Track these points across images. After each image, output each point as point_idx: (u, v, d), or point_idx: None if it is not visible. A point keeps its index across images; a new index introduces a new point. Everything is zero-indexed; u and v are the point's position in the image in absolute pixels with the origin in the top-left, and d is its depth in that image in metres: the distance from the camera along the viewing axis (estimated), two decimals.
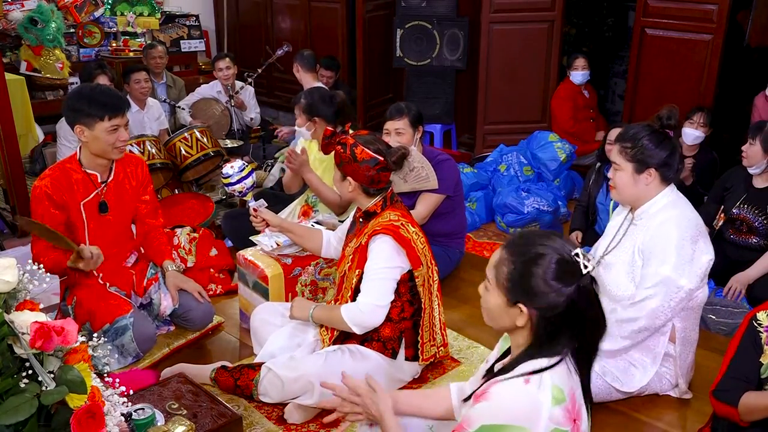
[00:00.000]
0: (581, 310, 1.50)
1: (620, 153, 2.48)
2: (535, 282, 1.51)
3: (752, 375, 1.97)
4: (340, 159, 2.51)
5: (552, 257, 1.50)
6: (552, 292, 1.49)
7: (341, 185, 2.58)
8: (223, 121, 5.53)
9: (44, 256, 2.70)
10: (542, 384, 1.48)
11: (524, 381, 1.49)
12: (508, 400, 1.49)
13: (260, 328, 2.80)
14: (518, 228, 4.43)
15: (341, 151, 2.50)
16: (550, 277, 1.49)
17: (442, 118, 5.73)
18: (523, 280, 1.52)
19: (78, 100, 2.72)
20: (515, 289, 1.54)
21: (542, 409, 1.46)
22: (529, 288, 1.51)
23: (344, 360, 2.51)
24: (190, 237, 3.61)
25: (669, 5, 4.62)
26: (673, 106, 2.58)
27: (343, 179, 2.55)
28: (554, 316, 1.50)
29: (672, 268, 2.37)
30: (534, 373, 1.49)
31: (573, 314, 1.50)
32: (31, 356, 1.46)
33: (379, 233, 2.48)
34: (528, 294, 1.52)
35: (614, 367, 2.51)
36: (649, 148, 2.42)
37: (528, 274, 1.52)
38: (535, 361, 1.51)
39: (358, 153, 2.47)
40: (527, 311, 1.53)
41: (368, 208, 2.57)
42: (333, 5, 6.50)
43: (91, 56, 6.59)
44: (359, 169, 2.47)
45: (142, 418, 1.97)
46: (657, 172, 2.45)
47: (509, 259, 1.56)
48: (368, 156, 2.47)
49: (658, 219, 2.45)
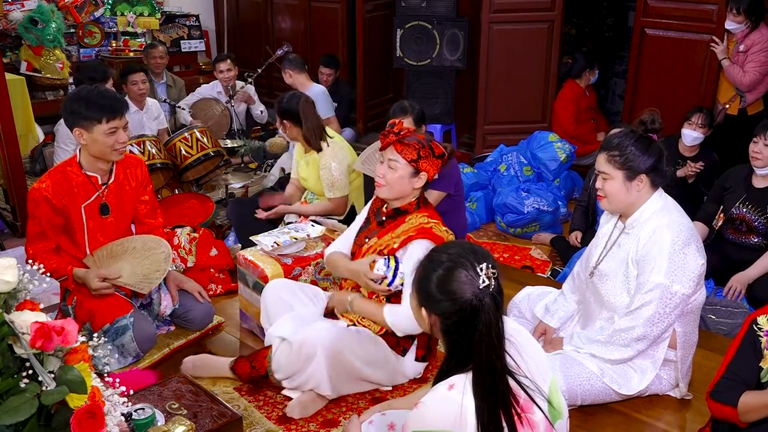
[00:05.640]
0: (476, 324, 1.53)
1: (609, 161, 2.43)
2: (430, 287, 1.59)
3: (750, 379, 1.96)
4: (418, 154, 2.50)
5: (449, 265, 1.57)
6: (445, 299, 1.56)
7: (408, 181, 2.53)
8: (223, 121, 5.53)
9: (43, 259, 2.67)
10: (465, 388, 1.53)
11: (448, 387, 1.55)
12: (433, 407, 1.55)
13: (272, 306, 2.76)
14: (518, 228, 4.44)
15: (419, 146, 2.50)
16: (442, 283, 1.56)
17: (442, 118, 5.73)
18: (422, 283, 1.61)
19: (76, 102, 2.71)
20: (420, 293, 1.63)
21: (467, 413, 1.51)
22: (426, 292, 1.60)
23: (350, 335, 2.52)
24: (190, 237, 3.60)
25: (669, 5, 4.63)
26: (655, 109, 2.57)
27: (415, 175, 2.52)
28: (451, 325, 1.57)
29: (665, 275, 2.36)
30: (457, 379, 1.55)
31: (468, 326, 1.54)
32: (32, 356, 1.46)
33: (414, 239, 2.48)
34: (426, 299, 1.61)
35: (613, 369, 2.50)
36: (638, 154, 2.39)
37: (426, 278, 1.60)
38: (455, 368, 1.58)
39: (435, 147, 2.53)
40: (427, 317, 1.62)
41: (401, 206, 2.58)
42: (333, 5, 6.50)
43: (91, 56, 6.60)
44: (435, 163, 2.53)
45: (142, 418, 1.97)
46: (647, 178, 2.42)
47: (423, 263, 1.65)
48: (441, 150, 2.54)
49: (649, 227, 2.43)
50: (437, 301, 1.58)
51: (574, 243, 3.99)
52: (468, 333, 1.54)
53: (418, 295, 1.64)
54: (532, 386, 1.58)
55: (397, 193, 2.56)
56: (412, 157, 2.50)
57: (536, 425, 1.57)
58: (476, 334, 1.53)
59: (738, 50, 4.33)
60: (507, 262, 4.10)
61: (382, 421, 2.08)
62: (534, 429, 1.56)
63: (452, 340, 1.59)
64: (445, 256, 1.60)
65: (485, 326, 1.52)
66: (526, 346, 1.66)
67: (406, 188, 2.55)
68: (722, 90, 4.52)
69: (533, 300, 2.88)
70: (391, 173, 2.53)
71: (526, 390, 1.57)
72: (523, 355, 1.62)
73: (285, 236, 3.08)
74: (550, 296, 2.85)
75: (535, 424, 1.57)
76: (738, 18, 4.23)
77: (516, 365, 1.59)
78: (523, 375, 1.59)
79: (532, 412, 1.57)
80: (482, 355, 1.52)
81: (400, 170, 2.51)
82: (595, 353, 2.50)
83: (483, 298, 1.53)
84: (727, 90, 4.47)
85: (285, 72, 5.17)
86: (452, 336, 1.59)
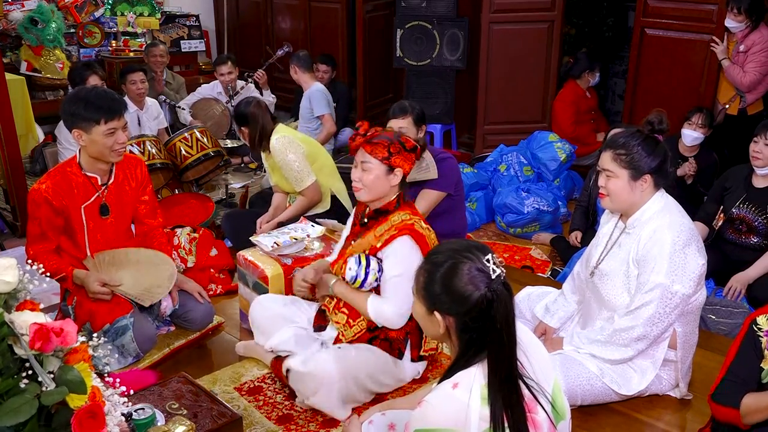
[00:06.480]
0: (491, 319, 1.53)
1: (614, 160, 2.44)
2: (437, 289, 1.57)
3: (751, 379, 1.96)
4: (388, 151, 2.48)
5: (451, 263, 1.56)
6: (457, 298, 1.54)
7: (385, 180, 2.52)
8: (223, 121, 5.54)
9: (44, 260, 2.65)
10: (470, 387, 1.53)
11: (452, 386, 1.55)
12: (436, 406, 1.54)
13: (266, 322, 2.79)
14: (518, 228, 4.44)
15: (388, 143, 2.49)
16: (449, 283, 1.55)
17: (442, 118, 5.73)
18: (428, 288, 1.59)
19: (74, 103, 2.69)
20: (428, 298, 1.61)
21: (471, 412, 1.51)
22: (435, 296, 1.58)
23: (348, 356, 2.52)
24: (190, 237, 3.61)
25: (669, 5, 4.63)
26: (662, 110, 2.57)
27: (389, 172, 2.51)
28: (470, 320, 1.55)
29: (665, 275, 2.37)
30: (463, 378, 1.55)
31: (485, 319, 1.53)
32: (31, 357, 1.46)
33: (397, 237, 2.48)
34: (436, 302, 1.59)
35: (612, 369, 2.50)
36: (644, 155, 2.40)
37: (431, 282, 1.58)
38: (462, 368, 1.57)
39: (405, 141, 2.52)
40: (441, 319, 1.59)
41: (381, 207, 2.57)
42: (333, 5, 6.50)
43: (91, 56, 6.59)
44: (408, 158, 2.52)
45: (142, 418, 1.97)
46: (651, 178, 2.43)
47: (423, 268, 1.63)
48: (412, 144, 2.53)
49: (650, 227, 2.43)
50: (449, 302, 1.56)
51: (574, 243, 3.99)
52: (485, 325, 1.54)
53: (426, 301, 1.62)
54: (536, 387, 1.58)
55: (375, 194, 2.56)
56: (383, 155, 2.49)
57: (540, 425, 1.57)
58: (495, 323, 1.52)
59: (738, 50, 4.33)
60: (507, 262, 4.09)
61: (382, 421, 2.08)
62: (537, 429, 1.56)
63: (469, 337, 1.57)
64: (443, 256, 1.59)
65: (503, 315, 1.53)
66: (529, 346, 1.66)
67: (384, 188, 2.54)
68: (722, 90, 4.52)
69: (533, 300, 2.88)
70: (366, 175, 2.52)
71: (530, 390, 1.57)
72: (528, 355, 1.61)
73: (285, 236, 3.08)
74: (550, 296, 2.85)
75: (539, 424, 1.57)
76: (738, 18, 4.23)
77: (521, 365, 1.58)
78: (528, 376, 1.59)
79: (536, 412, 1.56)
80: (503, 343, 1.53)
81: (375, 170, 2.50)
82: (595, 353, 2.50)
83: (497, 288, 1.53)
84: (727, 90, 4.47)
85: (291, 67, 5.23)
86: (470, 332, 1.56)
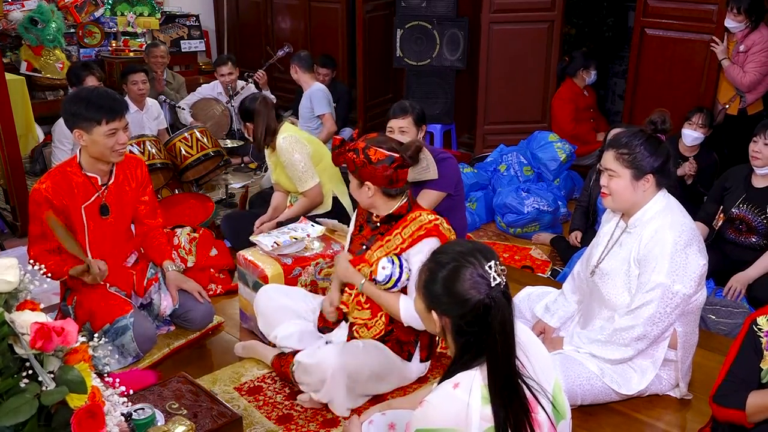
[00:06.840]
0: (488, 325, 1.53)
1: (617, 159, 2.43)
2: (437, 289, 1.58)
3: (752, 380, 1.96)
4: (354, 165, 2.46)
5: (454, 265, 1.56)
6: (455, 301, 1.55)
7: (359, 192, 2.52)
8: (223, 121, 5.54)
9: (44, 260, 2.66)
10: (470, 386, 1.53)
11: (453, 386, 1.55)
12: (437, 406, 1.55)
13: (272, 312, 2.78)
14: (518, 228, 4.44)
15: (354, 157, 2.45)
16: (450, 285, 1.55)
17: (442, 118, 5.73)
18: (428, 286, 1.60)
19: (75, 103, 2.69)
20: (427, 296, 1.62)
21: (472, 411, 1.51)
22: (434, 295, 1.59)
23: (357, 351, 2.52)
24: (190, 237, 3.61)
25: (669, 5, 4.63)
26: (664, 110, 2.57)
27: (360, 186, 2.49)
28: (465, 324, 1.56)
29: (666, 275, 2.37)
30: (463, 378, 1.55)
31: (482, 325, 1.54)
32: (31, 356, 1.46)
33: (424, 237, 2.46)
34: (434, 302, 1.60)
35: (612, 369, 2.50)
36: (647, 155, 2.40)
37: (432, 281, 1.59)
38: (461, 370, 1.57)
39: (372, 154, 2.42)
40: (438, 319, 1.61)
41: (393, 211, 2.53)
42: (333, 5, 6.50)
43: (91, 56, 6.59)
44: (376, 171, 2.42)
45: (142, 418, 1.97)
46: (653, 178, 2.43)
47: (427, 266, 1.64)
48: (383, 155, 2.42)
49: (652, 226, 2.43)
50: (447, 303, 1.57)
51: (574, 243, 3.99)
52: (481, 331, 1.54)
53: (426, 298, 1.63)
54: (536, 387, 1.58)
55: (365, 205, 2.57)
56: (351, 169, 2.50)
57: (540, 425, 1.57)
58: (491, 331, 1.52)
59: (738, 50, 4.33)
60: (507, 262, 4.09)
61: (383, 420, 2.08)
62: (538, 429, 1.57)
63: (465, 341, 1.58)
64: (448, 257, 1.59)
65: (500, 323, 1.53)
66: (530, 345, 1.66)
67: (363, 198, 2.53)
68: (722, 90, 4.52)
69: (533, 300, 2.88)
70: (351, 186, 2.56)
71: (531, 389, 1.57)
72: (528, 355, 1.61)
73: (285, 236, 3.08)
74: (550, 296, 2.85)
75: (540, 423, 1.57)
76: (738, 17, 4.23)
77: (521, 365, 1.59)
78: (528, 376, 1.59)
79: (536, 412, 1.57)
80: (498, 352, 1.52)
81: (353, 181, 2.53)
82: (595, 353, 2.50)
83: (495, 296, 1.53)
84: (727, 90, 4.47)
85: (292, 67, 5.23)
86: (465, 336, 1.57)
